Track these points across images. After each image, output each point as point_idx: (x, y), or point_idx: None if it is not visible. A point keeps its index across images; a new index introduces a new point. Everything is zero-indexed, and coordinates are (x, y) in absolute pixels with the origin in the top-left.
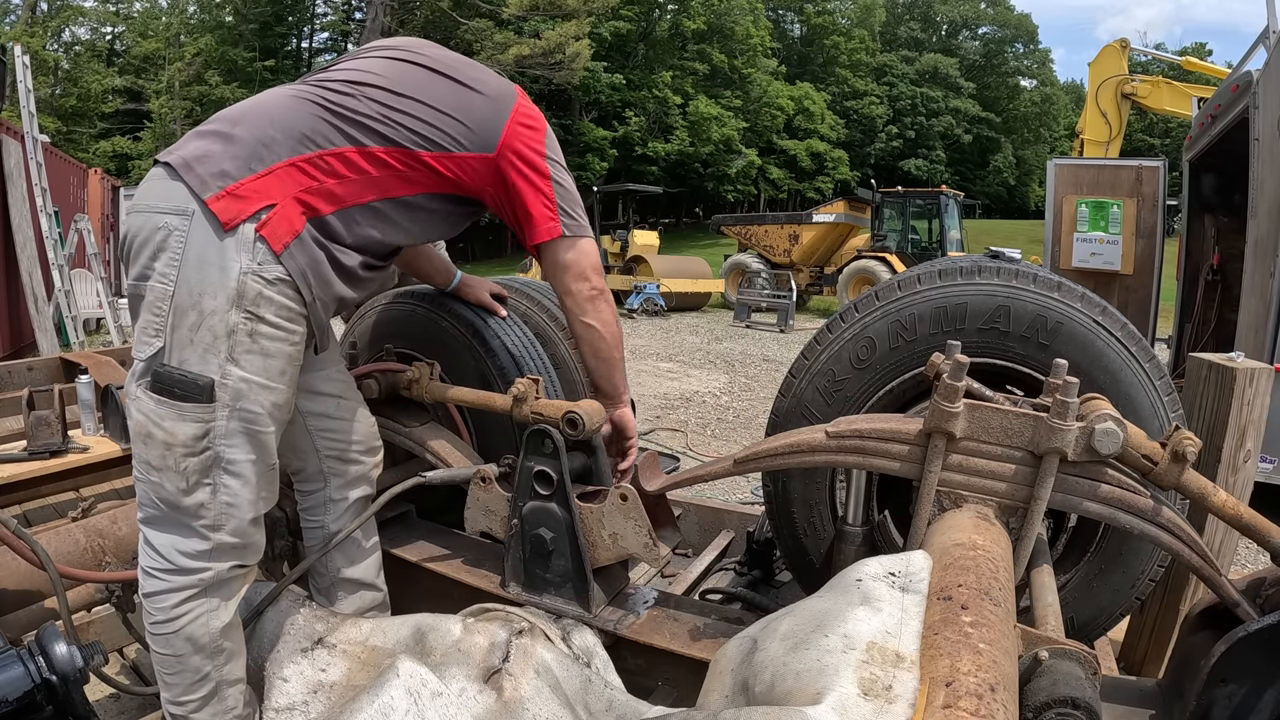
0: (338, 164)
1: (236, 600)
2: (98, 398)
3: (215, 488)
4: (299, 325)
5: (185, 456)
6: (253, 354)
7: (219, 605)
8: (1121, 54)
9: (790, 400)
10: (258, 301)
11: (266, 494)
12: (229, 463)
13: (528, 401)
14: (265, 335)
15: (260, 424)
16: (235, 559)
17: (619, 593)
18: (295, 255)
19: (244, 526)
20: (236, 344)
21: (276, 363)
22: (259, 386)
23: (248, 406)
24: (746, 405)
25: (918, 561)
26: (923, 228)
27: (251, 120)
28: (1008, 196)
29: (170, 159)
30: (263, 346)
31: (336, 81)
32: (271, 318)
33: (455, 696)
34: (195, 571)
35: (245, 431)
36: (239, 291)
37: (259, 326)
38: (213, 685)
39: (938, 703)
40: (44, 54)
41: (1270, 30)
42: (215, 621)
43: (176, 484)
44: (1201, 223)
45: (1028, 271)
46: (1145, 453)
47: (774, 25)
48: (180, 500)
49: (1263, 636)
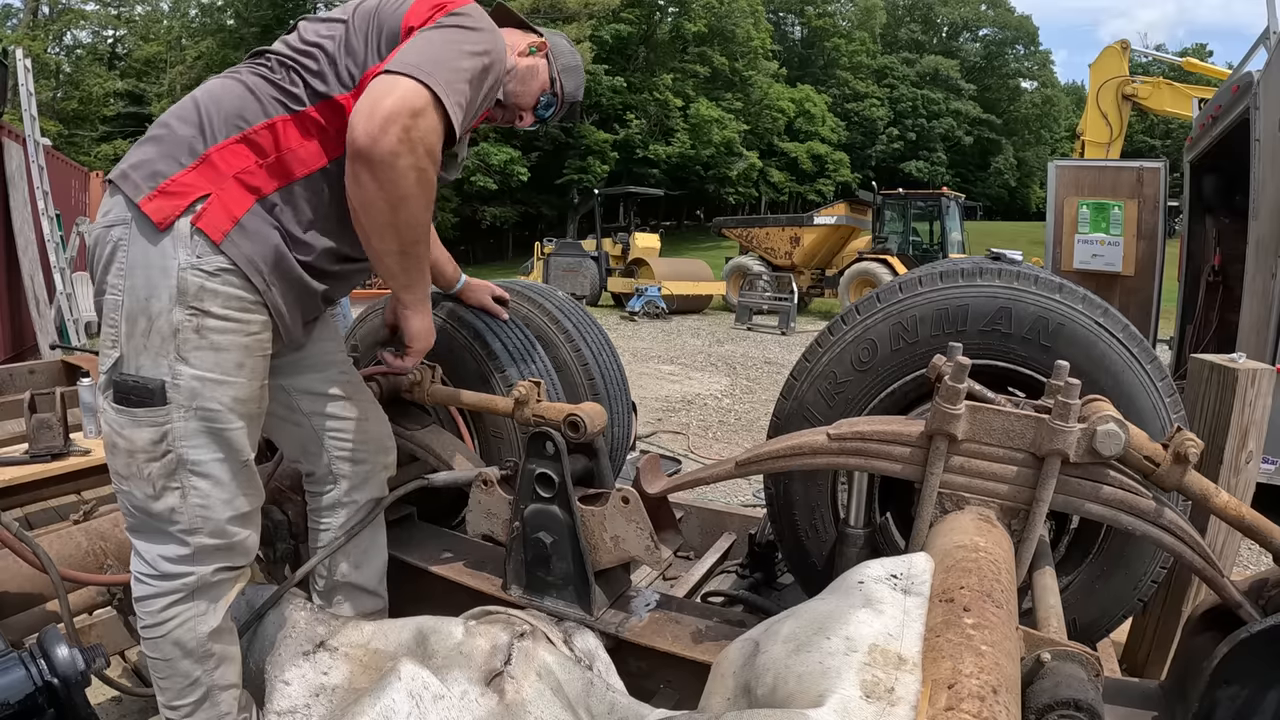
0: (271, 136)
1: (226, 604)
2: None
3: (184, 491)
4: (254, 314)
5: (147, 462)
6: (202, 350)
7: (207, 609)
8: (1122, 55)
9: (792, 402)
10: (200, 296)
11: (247, 491)
12: (194, 464)
13: (529, 404)
14: (213, 329)
15: (222, 420)
16: (219, 561)
17: (621, 595)
18: (238, 243)
19: (222, 527)
20: (184, 342)
21: (231, 355)
22: (213, 382)
23: (204, 404)
24: (748, 408)
25: (920, 564)
26: (924, 230)
27: (185, 114)
28: (1009, 198)
29: (112, 173)
30: (212, 341)
31: (266, 54)
32: (218, 310)
33: (457, 699)
34: (179, 576)
35: (206, 430)
36: (180, 288)
37: (205, 321)
38: (204, 690)
39: (940, 705)
40: (46, 57)
41: (1270, 31)
42: (202, 626)
43: (144, 490)
44: (1202, 224)
45: (1029, 273)
46: (1147, 454)
47: (775, 28)
48: (151, 506)
49: (1265, 638)
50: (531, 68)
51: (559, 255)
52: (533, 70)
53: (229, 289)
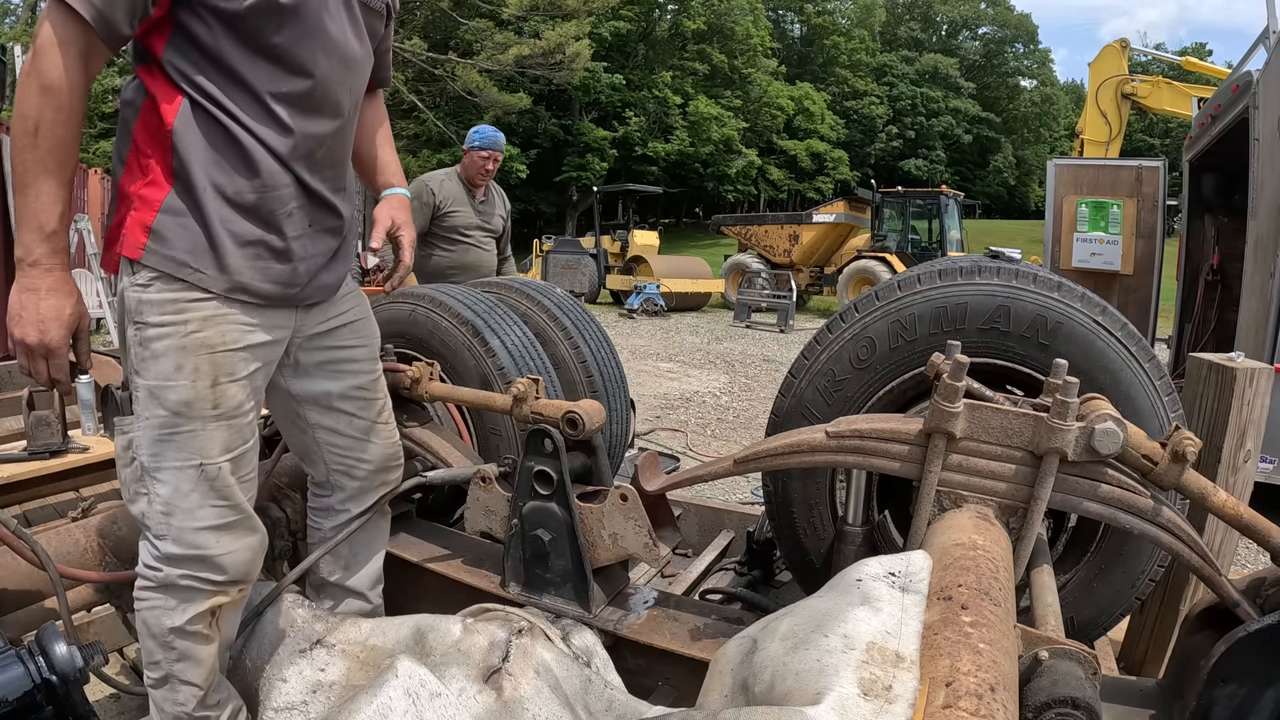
0: (139, 138)
1: (196, 610)
2: (98, 398)
3: (150, 497)
4: (191, 311)
5: (123, 468)
6: (146, 360)
7: (175, 606)
8: (1121, 54)
9: (790, 400)
10: (140, 309)
11: (216, 501)
12: (154, 470)
13: (528, 401)
14: (152, 338)
15: (172, 425)
16: (186, 568)
17: (619, 593)
18: (154, 249)
19: (187, 536)
20: (135, 355)
21: (169, 360)
22: (159, 389)
23: (155, 411)
24: (746, 405)
25: (918, 561)
26: (923, 228)
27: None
28: (1008, 197)
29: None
30: (152, 350)
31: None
32: (155, 318)
33: (454, 696)
34: (151, 569)
35: (161, 438)
36: (127, 308)
37: (146, 333)
38: (164, 673)
39: (938, 703)
40: None
41: (1270, 30)
42: (166, 620)
43: (124, 494)
44: (1201, 223)
45: (1028, 271)
46: (1145, 453)
47: (774, 25)
48: (130, 508)
49: (1263, 636)
50: None
51: (557, 252)
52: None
53: (162, 296)
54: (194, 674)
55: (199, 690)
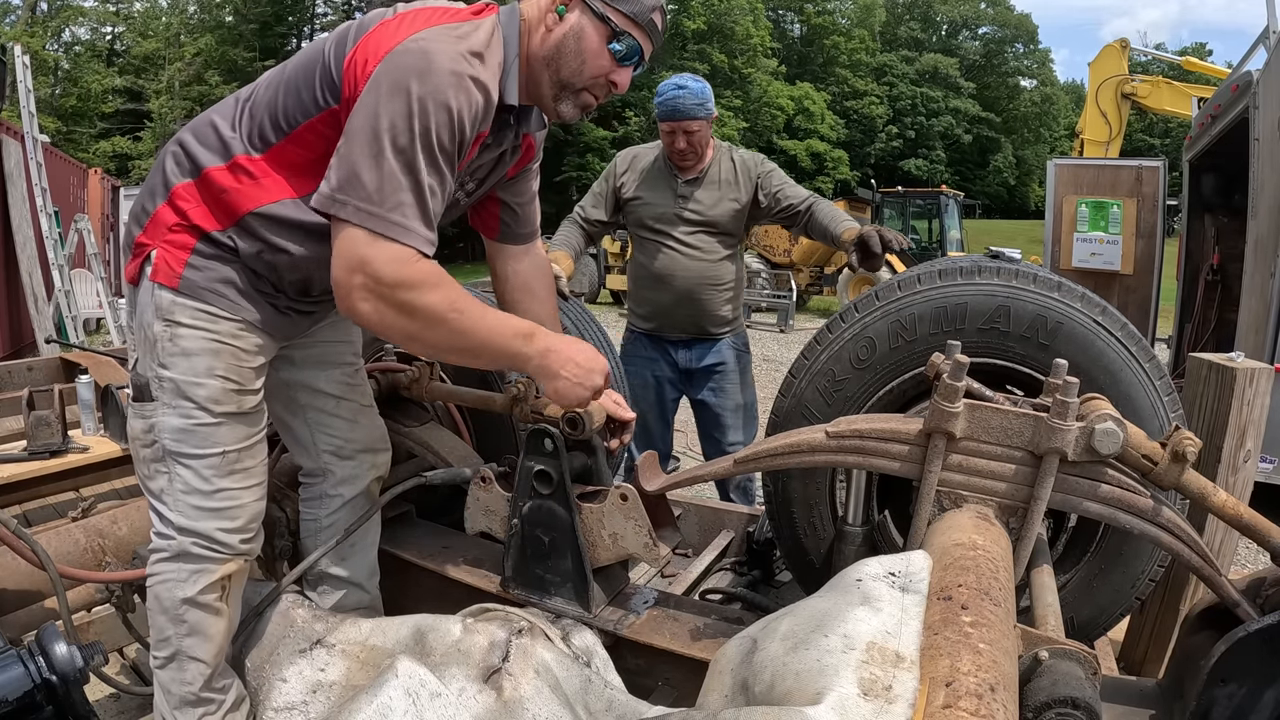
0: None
1: (205, 581)
2: (98, 398)
3: (171, 475)
4: (219, 322)
5: (142, 447)
6: (175, 355)
7: (187, 577)
8: (1121, 54)
9: (790, 400)
10: (172, 310)
11: (234, 482)
12: (177, 455)
13: (527, 401)
14: (183, 336)
15: (198, 418)
16: (198, 536)
17: (619, 593)
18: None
19: (199, 511)
20: (162, 349)
21: (201, 360)
22: (188, 384)
23: (181, 403)
24: None
25: (918, 561)
26: (923, 228)
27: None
28: (1008, 196)
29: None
30: (182, 347)
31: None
32: (187, 319)
33: (454, 696)
34: (166, 538)
35: (186, 429)
36: (157, 305)
37: (177, 330)
38: (172, 650)
39: (938, 703)
40: (44, 54)
41: (1270, 30)
42: (178, 591)
43: (140, 470)
44: (1201, 223)
45: (1028, 271)
46: (1145, 453)
47: (774, 25)
48: (147, 484)
49: (1263, 636)
50: (572, 33)
51: None
52: (576, 33)
53: (194, 304)
54: (203, 650)
55: (207, 668)
